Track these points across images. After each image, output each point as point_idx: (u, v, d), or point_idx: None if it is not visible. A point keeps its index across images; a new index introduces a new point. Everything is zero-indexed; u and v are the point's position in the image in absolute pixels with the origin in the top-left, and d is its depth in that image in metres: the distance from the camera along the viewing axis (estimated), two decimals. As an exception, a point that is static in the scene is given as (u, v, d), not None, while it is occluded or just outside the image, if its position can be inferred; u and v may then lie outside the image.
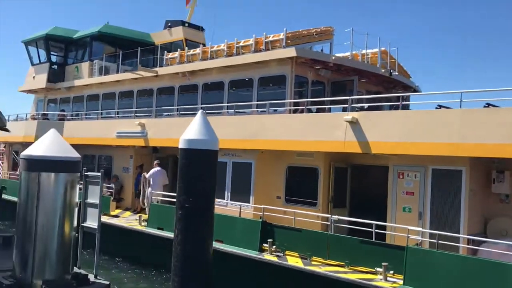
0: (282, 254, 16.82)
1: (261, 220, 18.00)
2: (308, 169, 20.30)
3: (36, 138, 28.41)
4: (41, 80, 36.56)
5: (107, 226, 19.96)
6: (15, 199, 11.83)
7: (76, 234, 12.14)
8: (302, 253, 16.61)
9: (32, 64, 38.06)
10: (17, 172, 35.03)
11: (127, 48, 31.99)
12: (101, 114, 32.00)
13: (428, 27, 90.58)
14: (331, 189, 19.84)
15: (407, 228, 14.49)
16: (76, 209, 11.89)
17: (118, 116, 30.53)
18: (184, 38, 32.37)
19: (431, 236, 14.70)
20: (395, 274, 14.02)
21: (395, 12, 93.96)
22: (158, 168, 24.25)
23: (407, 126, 16.19)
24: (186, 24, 33.63)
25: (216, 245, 16.18)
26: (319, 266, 15.57)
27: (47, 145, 11.58)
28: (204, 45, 28.05)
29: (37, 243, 11.18)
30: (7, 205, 24.80)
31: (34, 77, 37.50)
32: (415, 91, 21.00)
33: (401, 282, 13.65)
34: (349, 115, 17.33)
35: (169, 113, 27.38)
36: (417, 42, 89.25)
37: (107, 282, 11.79)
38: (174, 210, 12.33)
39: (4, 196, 26.94)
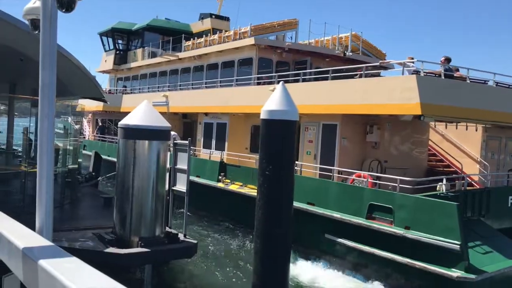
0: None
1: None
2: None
3: (103, 107, 31.76)
4: (110, 63, 35.79)
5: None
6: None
7: (167, 197, 9.87)
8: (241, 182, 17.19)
9: (105, 51, 36.82)
10: (95, 134, 34.01)
11: (172, 36, 29.79)
12: (148, 89, 30.75)
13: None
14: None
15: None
16: (167, 174, 9.66)
17: (158, 90, 28.82)
18: (212, 28, 30.39)
19: (320, 169, 15.50)
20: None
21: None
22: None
23: (309, 93, 16.48)
24: (213, 16, 31.83)
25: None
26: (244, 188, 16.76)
27: (141, 115, 9.37)
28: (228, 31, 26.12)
29: (134, 204, 9.11)
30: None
31: (105, 60, 36.54)
32: (381, 68, 19.61)
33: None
34: (271, 87, 17.10)
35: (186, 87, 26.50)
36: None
37: (195, 241, 9.61)
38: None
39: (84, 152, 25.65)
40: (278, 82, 19.25)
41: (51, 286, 2.06)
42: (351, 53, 21.69)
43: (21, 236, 2.76)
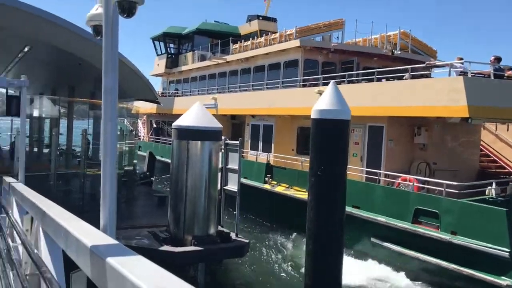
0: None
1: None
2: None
3: (157, 110, 32.26)
4: (162, 67, 36.33)
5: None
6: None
7: (219, 196, 9.84)
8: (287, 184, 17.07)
9: (157, 55, 37.58)
10: (150, 136, 34.52)
11: (221, 39, 29.79)
12: (198, 91, 31.01)
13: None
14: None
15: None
16: (219, 174, 9.65)
17: (207, 92, 29.02)
18: (259, 29, 30.28)
19: (367, 172, 15.21)
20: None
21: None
22: None
23: (354, 95, 15.75)
24: (260, 17, 31.68)
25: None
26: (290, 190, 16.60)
27: (194, 117, 9.54)
28: (276, 33, 25.83)
29: (187, 203, 9.26)
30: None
31: (158, 64, 37.18)
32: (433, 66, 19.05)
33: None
34: (316, 89, 17.10)
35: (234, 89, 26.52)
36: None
37: (247, 240, 9.59)
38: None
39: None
40: (324, 84, 19.26)
41: (120, 284, 2.07)
42: (399, 52, 21.04)
43: (88, 234, 2.80)
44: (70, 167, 15.04)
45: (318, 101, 9.24)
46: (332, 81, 9.40)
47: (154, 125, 36.13)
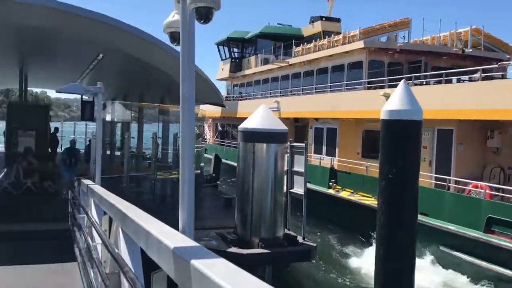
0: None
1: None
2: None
3: (221, 113, 32.50)
4: (226, 71, 36.72)
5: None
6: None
7: (285, 199, 9.78)
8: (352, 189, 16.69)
9: (221, 59, 38.01)
10: (216, 139, 35.18)
11: (284, 41, 29.46)
12: (261, 94, 31.25)
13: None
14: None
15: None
16: (285, 176, 9.59)
17: (270, 95, 29.26)
18: (322, 30, 29.95)
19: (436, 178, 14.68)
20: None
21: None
22: None
23: (422, 97, 14.89)
24: (324, 18, 31.39)
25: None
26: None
27: (259, 119, 9.56)
28: (339, 33, 25.41)
29: (254, 205, 9.32)
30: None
31: (222, 69, 37.55)
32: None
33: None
34: (381, 91, 16.74)
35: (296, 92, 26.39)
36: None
37: (315, 244, 9.48)
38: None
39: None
40: (390, 86, 18.72)
41: (205, 287, 2.09)
42: (471, 50, 20.03)
43: (169, 236, 2.86)
44: (141, 170, 15.59)
45: (387, 101, 8.95)
46: (402, 80, 9.06)
47: (219, 128, 36.52)
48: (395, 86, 12.47)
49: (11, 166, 14.25)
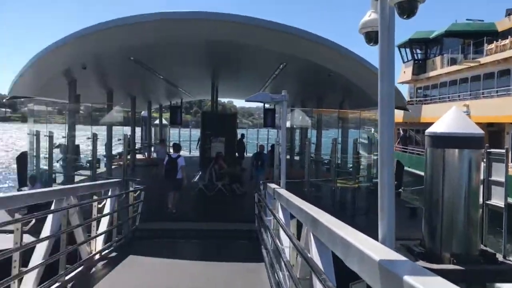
0: None
1: None
2: None
3: (403, 118, 30.65)
4: (408, 74, 35.75)
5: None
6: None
7: (481, 211, 8.73)
8: None
9: (403, 62, 37.27)
10: (397, 145, 33.79)
11: (474, 38, 27.73)
12: (448, 97, 29.62)
13: None
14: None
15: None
16: (481, 186, 8.54)
17: (459, 98, 27.47)
18: None
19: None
20: None
21: None
22: None
23: None
24: None
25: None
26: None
27: (450, 122, 8.64)
28: None
29: (444, 216, 8.42)
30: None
31: (404, 72, 36.72)
32: None
33: None
34: None
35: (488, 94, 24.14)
36: None
37: None
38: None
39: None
40: None
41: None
42: None
43: (371, 246, 2.66)
44: (320, 175, 15.69)
45: None
46: None
47: (401, 134, 34.81)
48: None
49: (205, 170, 15.68)
